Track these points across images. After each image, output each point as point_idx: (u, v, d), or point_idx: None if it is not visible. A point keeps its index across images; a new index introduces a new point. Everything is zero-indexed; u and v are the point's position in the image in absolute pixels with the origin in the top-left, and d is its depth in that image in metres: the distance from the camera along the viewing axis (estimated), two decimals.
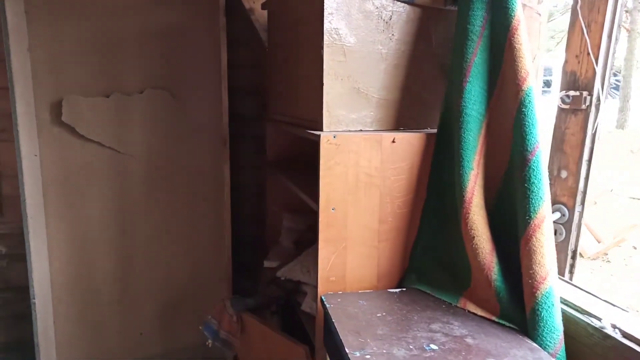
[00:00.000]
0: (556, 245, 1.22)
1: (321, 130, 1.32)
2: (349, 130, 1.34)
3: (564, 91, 1.40)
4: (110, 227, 2.03)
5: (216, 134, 2.05)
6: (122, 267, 2.07)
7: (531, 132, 1.08)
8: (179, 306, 2.15)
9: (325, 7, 1.28)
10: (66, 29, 1.84)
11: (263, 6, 2.00)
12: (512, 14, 1.13)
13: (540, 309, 1.01)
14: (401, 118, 1.40)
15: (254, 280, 2.24)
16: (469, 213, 1.15)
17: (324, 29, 1.29)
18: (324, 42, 1.29)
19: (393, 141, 1.28)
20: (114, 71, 1.91)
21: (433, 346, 0.98)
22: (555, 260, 1.08)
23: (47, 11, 1.80)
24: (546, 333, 1.01)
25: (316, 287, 1.28)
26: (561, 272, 1.42)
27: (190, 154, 2.05)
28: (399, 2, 1.35)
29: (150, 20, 1.90)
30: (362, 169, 1.27)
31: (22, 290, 2.12)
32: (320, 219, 1.26)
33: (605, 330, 1.01)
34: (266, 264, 1.97)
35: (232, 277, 2.17)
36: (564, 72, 1.42)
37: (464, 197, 1.16)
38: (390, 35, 1.35)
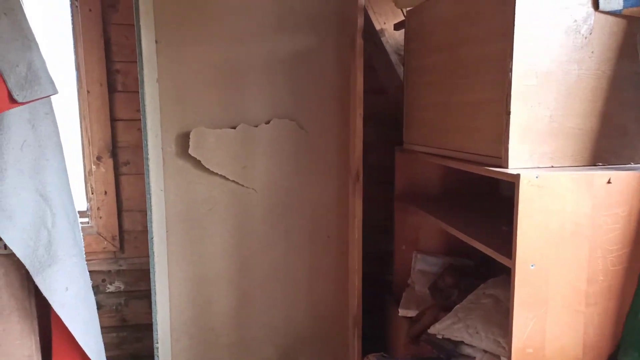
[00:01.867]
0: None
1: (502, 166, 1.11)
2: (538, 167, 1.12)
3: None
4: (229, 265, 1.91)
5: (343, 165, 1.89)
6: (239, 307, 1.94)
7: None
8: (299, 351, 1.98)
9: (516, 23, 1.08)
10: (192, 58, 1.77)
11: (397, 27, 1.83)
12: None
13: None
14: (599, 151, 1.16)
15: (381, 326, 2.03)
16: None
17: (514, 48, 1.08)
18: (513, 64, 1.08)
19: (608, 182, 1.04)
20: (240, 101, 1.81)
21: None
22: None
23: (175, 40, 1.74)
24: None
25: (498, 355, 1.05)
26: None
27: (314, 187, 1.90)
28: (602, 14, 1.13)
29: (276, 46, 1.79)
30: (568, 216, 1.04)
31: (139, 329, 2.05)
32: (516, 277, 1.03)
33: None
34: (402, 312, 1.76)
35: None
36: None
37: None
38: (589, 53, 1.12)
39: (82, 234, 1.77)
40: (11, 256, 1.63)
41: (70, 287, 1.67)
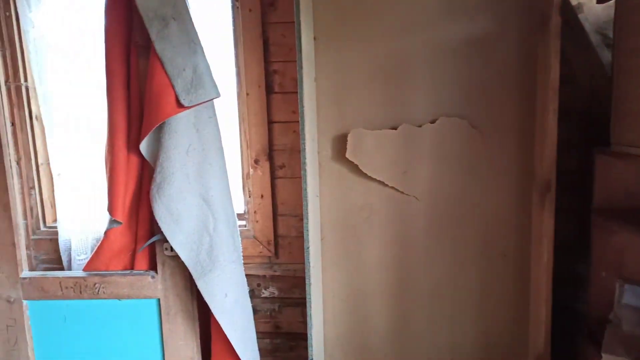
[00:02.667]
0: None
1: None
2: None
3: None
4: (387, 278, 1.74)
5: (525, 172, 1.59)
6: (398, 325, 1.76)
7: None
8: None
9: None
10: (350, 53, 1.62)
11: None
12: None
13: None
14: None
15: None
16: None
17: None
18: None
19: None
20: (402, 98, 1.62)
21: None
22: None
23: (333, 36, 1.62)
24: None
25: None
26: None
27: (487, 196, 1.63)
28: None
29: (444, 34, 1.57)
30: None
31: (292, 338, 1.99)
32: None
33: None
34: (605, 358, 1.41)
35: None
36: None
37: None
38: None
39: (240, 238, 1.75)
40: (176, 258, 1.66)
41: (229, 294, 1.64)
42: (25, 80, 1.90)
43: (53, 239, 1.97)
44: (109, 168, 1.66)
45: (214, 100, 1.64)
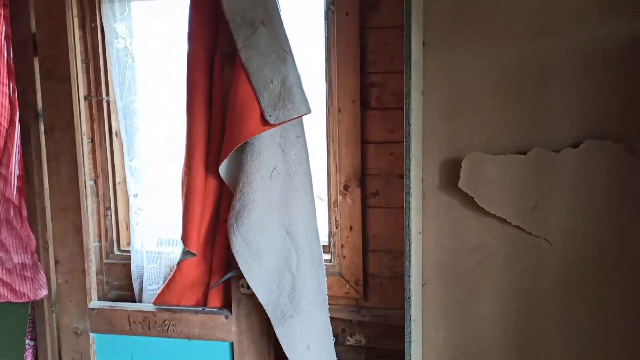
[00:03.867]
0: None
1: None
2: None
3: None
4: (505, 340, 1.40)
5: None
6: None
7: None
8: None
9: None
10: (469, 61, 1.34)
11: None
12: None
13: None
14: None
15: None
16: None
17: None
18: None
19: None
20: (534, 115, 1.30)
21: None
22: None
23: (446, 39, 1.34)
24: None
25: None
26: None
27: None
28: None
29: (597, 35, 1.23)
30: None
31: None
32: None
33: None
34: None
35: None
36: None
37: None
38: None
39: (325, 278, 1.49)
40: (253, 297, 1.43)
41: (312, 345, 1.39)
42: (107, 94, 1.81)
43: (126, 264, 1.84)
44: (185, 192, 1.48)
45: (303, 117, 1.43)
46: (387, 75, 1.59)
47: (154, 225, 1.82)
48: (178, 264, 1.53)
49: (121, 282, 1.88)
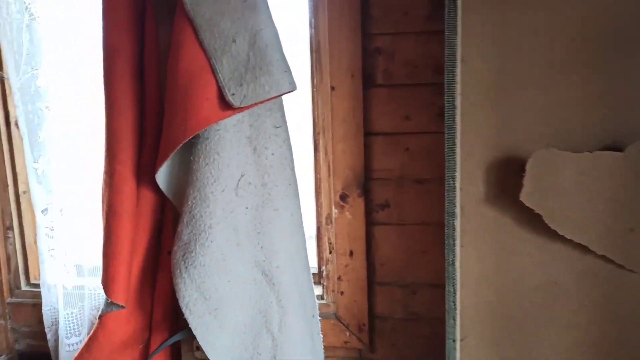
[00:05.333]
0: None
1: None
2: None
3: None
4: None
5: None
6: None
7: None
8: None
9: None
10: (525, 17, 0.89)
11: None
12: None
13: None
14: None
15: None
16: None
17: None
18: None
19: None
20: (628, 93, 0.87)
21: None
22: None
23: None
24: None
25: None
26: None
27: None
28: None
29: None
30: None
31: None
32: None
33: None
34: None
35: None
36: None
37: None
38: None
39: (322, 335, 1.03)
40: None
41: None
42: (0, 68, 1.27)
43: (38, 304, 1.33)
44: (105, 213, 0.98)
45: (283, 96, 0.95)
46: (399, 37, 1.12)
47: (72, 249, 1.31)
48: (100, 317, 1.03)
49: (32, 327, 1.37)
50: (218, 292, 0.89)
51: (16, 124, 1.29)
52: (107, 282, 0.97)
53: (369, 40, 1.14)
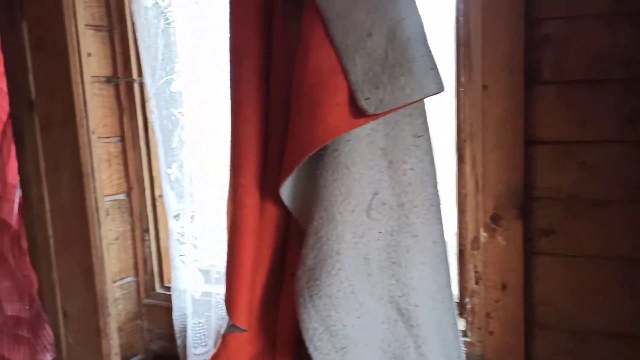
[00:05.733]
0: None
1: None
2: None
3: None
4: None
5: None
6: None
7: None
8: None
9: None
10: None
11: None
12: None
13: None
14: None
15: None
16: None
17: None
18: None
19: None
20: None
21: None
22: None
23: None
24: None
25: None
26: None
27: None
28: None
29: None
30: None
31: None
32: None
33: None
34: None
35: None
36: None
37: None
38: None
39: None
40: None
41: None
42: (140, 74, 1.30)
43: (171, 307, 1.34)
44: (229, 229, 0.92)
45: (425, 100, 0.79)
46: (576, 22, 0.88)
47: (202, 255, 1.30)
48: (223, 337, 0.98)
49: (165, 330, 1.39)
50: (346, 329, 0.77)
51: (153, 129, 1.32)
52: (229, 304, 0.90)
53: (534, 27, 0.92)
